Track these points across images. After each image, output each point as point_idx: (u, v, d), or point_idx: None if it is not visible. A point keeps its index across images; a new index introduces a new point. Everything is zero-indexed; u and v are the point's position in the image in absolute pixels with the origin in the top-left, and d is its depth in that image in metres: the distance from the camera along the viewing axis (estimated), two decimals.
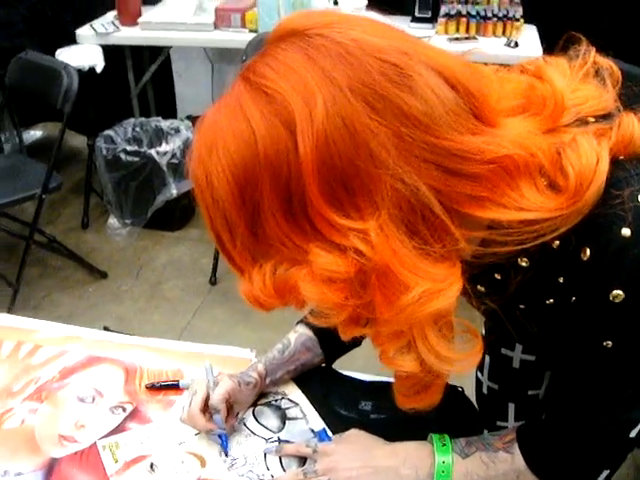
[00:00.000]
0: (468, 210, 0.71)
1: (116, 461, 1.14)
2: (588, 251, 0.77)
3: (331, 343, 1.26)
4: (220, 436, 1.17)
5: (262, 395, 1.27)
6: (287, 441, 1.19)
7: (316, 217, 0.69)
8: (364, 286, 0.71)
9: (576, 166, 0.73)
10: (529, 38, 3.17)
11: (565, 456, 0.96)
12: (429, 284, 0.70)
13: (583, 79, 0.81)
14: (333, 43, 0.69)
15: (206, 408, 1.16)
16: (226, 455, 1.16)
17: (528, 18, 3.21)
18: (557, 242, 0.76)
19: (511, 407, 1.39)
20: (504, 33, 3.18)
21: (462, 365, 0.79)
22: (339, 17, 0.73)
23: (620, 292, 0.76)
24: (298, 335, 1.27)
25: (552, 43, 0.89)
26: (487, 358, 1.40)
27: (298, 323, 1.29)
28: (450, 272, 0.71)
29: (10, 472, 1.13)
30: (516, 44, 3.07)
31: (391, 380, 1.30)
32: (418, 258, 0.70)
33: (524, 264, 0.81)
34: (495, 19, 3.18)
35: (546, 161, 0.73)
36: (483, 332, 1.39)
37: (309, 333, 1.26)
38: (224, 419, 1.15)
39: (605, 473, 1.12)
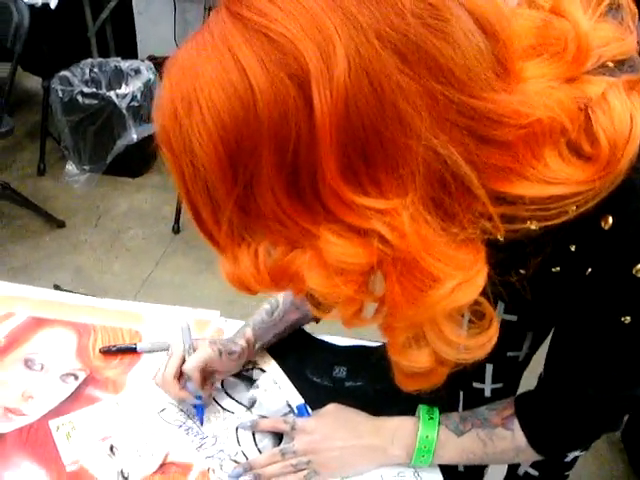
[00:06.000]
0: (494, 185, 0.61)
1: (71, 443, 1.05)
2: (610, 219, 0.68)
3: None
4: (195, 406, 1.09)
5: None
6: (262, 416, 1.11)
7: (328, 194, 0.57)
8: (382, 276, 0.61)
9: (609, 132, 0.62)
10: None
11: (564, 430, 0.93)
12: (460, 275, 0.60)
13: (599, 17, 0.69)
14: None
15: (181, 374, 1.08)
16: (201, 424, 1.09)
17: None
18: (573, 208, 0.65)
19: (489, 368, 1.33)
20: None
21: (475, 352, 0.70)
22: None
23: None
24: (285, 293, 1.17)
25: None
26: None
27: None
28: (477, 258, 0.62)
29: None
30: None
31: (368, 344, 1.24)
32: (447, 244, 0.60)
33: (534, 227, 0.70)
34: None
35: (568, 121, 0.62)
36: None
37: None
38: (199, 388, 1.07)
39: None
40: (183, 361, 1.08)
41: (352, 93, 0.54)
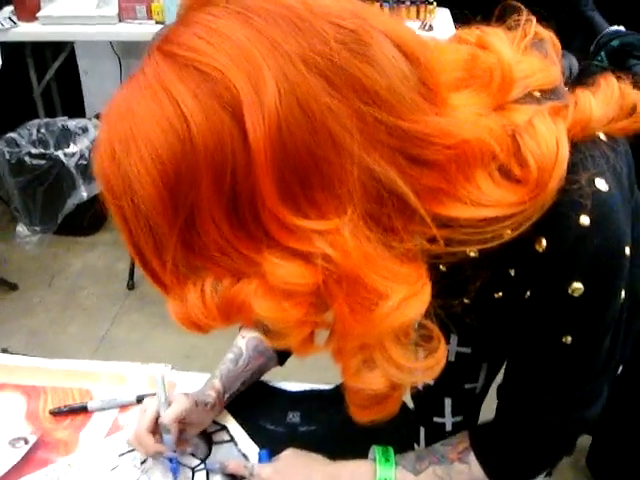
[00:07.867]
0: (429, 206, 0.62)
1: None
2: (544, 241, 0.70)
3: None
4: (171, 460, 1.07)
5: None
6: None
7: (269, 219, 0.58)
8: (329, 297, 0.61)
9: (536, 155, 0.64)
10: (442, 21, 3.15)
11: (518, 456, 0.93)
12: (405, 289, 0.61)
13: (525, 51, 0.73)
14: (278, 6, 0.58)
15: (156, 429, 1.06)
16: (175, 478, 1.06)
17: (440, 1, 3.18)
18: (509, 231, 0.66)
19: (447, 402, 1.33)
20: (418, 16, 3.15)
21: (424, 374, 0.71)
22: None
23: (579, 285, 0.71)
24: (247, 340, 1.17)
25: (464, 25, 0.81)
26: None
27: (242, 327, 1.19)
28: (420, 273, 0.63)
29: None
30: (430, 27, 3.06)
31: (322, 387, 1.24)
32: (390, 260, 0.61)
33: (473, 254, 0.72)
34: (408, 3, 3.14)
35: (498, 146, 0.64)
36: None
37: (259, 335, 1.17)
38: (176, 441, 1.05)
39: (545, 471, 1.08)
40: (156, 416, 1.06)
41: (284, 117, 0.55)
